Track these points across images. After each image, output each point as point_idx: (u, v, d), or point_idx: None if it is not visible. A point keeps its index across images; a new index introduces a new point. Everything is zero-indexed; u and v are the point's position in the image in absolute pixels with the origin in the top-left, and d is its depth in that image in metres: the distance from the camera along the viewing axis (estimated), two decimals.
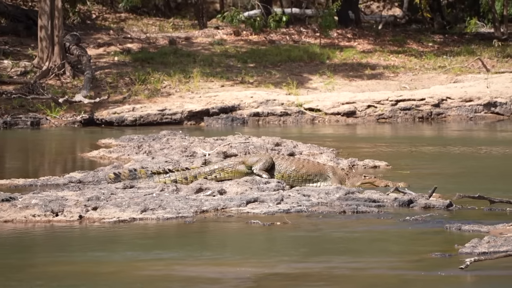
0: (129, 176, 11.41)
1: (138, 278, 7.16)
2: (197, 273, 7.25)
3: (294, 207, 10.06)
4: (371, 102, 23.54)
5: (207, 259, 7.74)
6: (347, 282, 6.98)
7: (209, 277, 7.15)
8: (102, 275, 7.27)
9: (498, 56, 29.08)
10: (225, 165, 11.67)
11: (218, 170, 11.62)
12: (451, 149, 16.32)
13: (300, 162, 11.61)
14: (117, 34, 31.43)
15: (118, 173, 11.50)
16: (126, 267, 7.49)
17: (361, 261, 7.60)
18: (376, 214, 9.76)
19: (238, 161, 11.74)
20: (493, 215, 9.62)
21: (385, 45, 31.46)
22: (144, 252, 8.07)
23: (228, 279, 7.04)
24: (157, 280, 7.07)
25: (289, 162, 11.59)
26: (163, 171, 11.58)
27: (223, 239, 8.74)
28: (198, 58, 28.15)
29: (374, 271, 7.25)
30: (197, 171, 11.57)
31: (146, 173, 11.51)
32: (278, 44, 31.07)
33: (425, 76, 27.16)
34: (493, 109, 23.48)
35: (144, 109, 23.02)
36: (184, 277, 7.14)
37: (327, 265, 7.44)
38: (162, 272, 7.31)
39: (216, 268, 7.43)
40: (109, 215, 9.66)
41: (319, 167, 11.58)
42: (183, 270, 7.35)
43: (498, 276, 7.11)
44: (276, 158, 11.69)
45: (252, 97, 23.72)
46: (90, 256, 7.89)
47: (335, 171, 11.60)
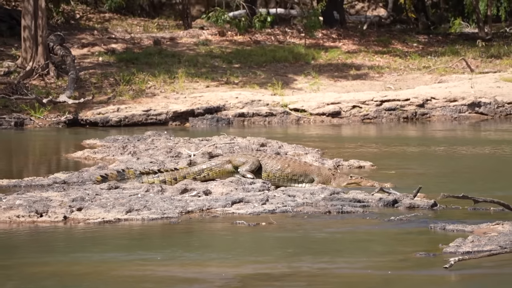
0: (117, 177, 11.39)
1: (123, 278, 7.15)
2: (182, 274, 7.24)
3: (279, 207, 10.06)
4: (356, 102, 23.58)
5: (192, 260, 7.74)
6: (331, 282, 6.99)
7: (194, 277, 7.15)
8: (85, 276, 7.25)
9: (482, 56, 29.20)
10: (213, 165, 11.67)
11: (206, 170, 11.63)
12: (436, 149, 16.38)
13: (285, 162, 11.60)
14: (101, 34, 31.36)
15: (106, 175, 11.47)
16: (110, 268, 7.47)
17: (346, 261, 7.61)
18: (361, 214, 9.79)
19: (225, 160, 11.74)
20: (477, 214, 9.66)
21: (370, 46, 31.53)
22: (128, 252, 8.05)
23: (213, 280, 7.04)
24: (142, 281, 7.05)
25: (275, 161, 11.58)
26: (152, 171, 11.56)
27: (208, 240, 8.74)
28: (183, 58, 28.12)
29: (359, 271, 7.27)
30: (185, 171, 11.56)
31: (134, 173, 11.47)
32: (263, 44, 31.08)
33: (409, 76, 27.23)
34: (477, 109, 23.58)
35: (129, 110, 22.97)
36: (169, 278, 7.13)
37: (312, 265, 7.45)
38: (147, 272, 7.30)
39: (201, 268, 7.43)
40: (93, 215, 9.64)
41: (305, 167, 11.58)
42: (168, 271, 7.34)
43: (482, 275, 7.14)
44: (263, 157, 11.68)
45: (237, 97, 23.72)
46: (73, 257, 7.86)
47: (321, 171, 11.61)
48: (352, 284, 6.94)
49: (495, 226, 8.66)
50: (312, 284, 6.91)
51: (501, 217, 9.20)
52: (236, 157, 11.73)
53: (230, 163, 11.64)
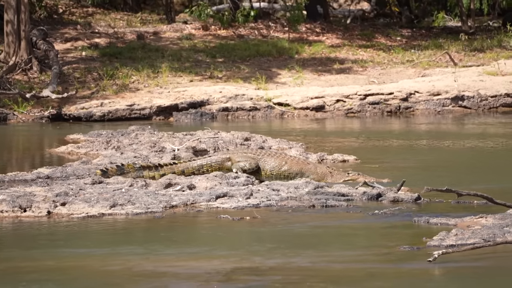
0: (117, 171, 11.37)
1: (107, 273, 7.14)
2: (167, 268, 7.24)
3: (264, 201, 10.07)
4: (340, 96, 23.60)
5: (176, 254, 7.73)
6: (315, 275, 7.01)
7: (178, 271, 7.15)
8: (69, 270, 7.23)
9: (465, 50, 29.27)
10: (213, 161, 11.68)
11: (206, 166, 11.64)
12: (419, 142, 16.42)
13: (283, 159, 11.60)
14: (84, 29, 31.24)
15: (106, 169, 11.45)
16: (94, 263, 7.45)
17: (330, 254, 7.63)
18: (345, 208, 9.81)
19: (225, 157, 11.73)
20: (461, 208, 9.70)
21: (353, 40, 31.56)
22: (113, 247, 8.04)
23: (197, 274, 7.04)
24: (125, 276, 7.05)
25: (273, 159, 11.58)
26: (153, 165, 11.56)
27: (193, 234, 8.74)
28: (167, 53, 28.05)
29: (343, 265, 7.28)
30: (184, 166, 11.57)
31: (134, 167, 11.46)
32: (247, 38, 31.05)
33: (393, 70, 27.27)
34: (461, 103, 23.65)
35: (113, 104, 22.91)
36: (153, 272, 7.13)
37: (296, 259, 7.46)
38: (131, 267, 7.29)
39: (185, 262, 7.42)
40: (77, 210, 9.62)
41: (302, 165, 11.57)
42: (152, 265, 7.33)
43: (465, 268, 7.18)
44: (263, 155, 11.67)
45: (221, 92, 23.69)
46: (57, 252, 7.84)
47: (317, 169, 11.57)
48: (336, 277, 6.95)
49: (479, 220, 8.70)
50: (297, 278, 6.92)
51: (484, 210, 9.24)
52: (237, 156, 11.69)
53: (230, 161, 11.66)
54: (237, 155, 11.69)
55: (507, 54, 28.39)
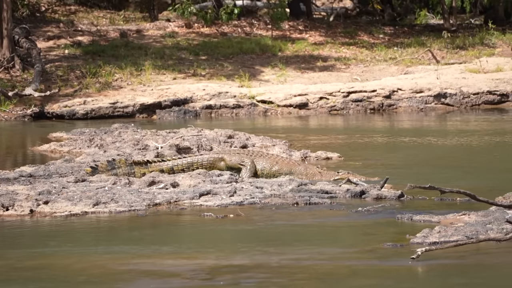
0: (107, 167, 11.36)
1: (90, 272, 7.11)
2: (150, 266, 7.22)
3: (247, 199, 10.07)
4: (323, 94, 23.63)
5: (160, 252, 7.72)
6: (299, 273, 7.01)
7: (162, 270, 7.13)
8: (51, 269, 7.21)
9: (447, 48, 29.36)
10: (204, 159, 11.68)
11: (196, 164, 11.64)
12: (402, 140, 16.47)
13: (274, 159, 11.63)
14: (67, 27, 31.11)
15: (96, 166, 11.43)
16: (77, 261, 7.43)
17: (314, 252, 7.64)
18: (329, 206, 9.82)
19: (218, 157, 11.73)
20: (444, 205, 9.74)
21: (336, 37, 31.59)
22: (96, 246, 8.02)
23: (181, 272, 7.03)
24: (109, 274, 7.03)
25: (265, 159, 11.59)
26: (143, 161, 11.57)
27: (176, 232, 8.72)
28: (150, 50, 27.99)
29: (326, 262, 7.29)
30: (174, 163, 11.59)
31: (125, 163, 11.46)
32: (230, 36, 31.03)
33: (376, 67, 27.33)
34: (443, 100, 23.72)
35: (96, 102, 22.84)
36: (137, 270, 7.11)
37: (280, 257, 7.47)
38: (114, 265, 7.27)
39: (169, 261, 7.41)
40: (60, 209, 9.58)
41: (292, 165, 11.59)
42: (136, 263, 7.31)
43: (448, 265, 7.20)
44: (255, 155, 11.68)
45: (204, 89, 23.67)
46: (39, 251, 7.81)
47: (307, 169, 11.57)
48: (320, 275, 6.96)
49: (462, 217, 8.73)
50: (280, 276, 6.93)
51: (467, 207, 9.28)
52: (230, 156, 11.68)
53: (223, 161, 11.66)
54: (230, 155, 11.69)
55: (489, 52, 28.51)
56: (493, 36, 30.34)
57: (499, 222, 8.19)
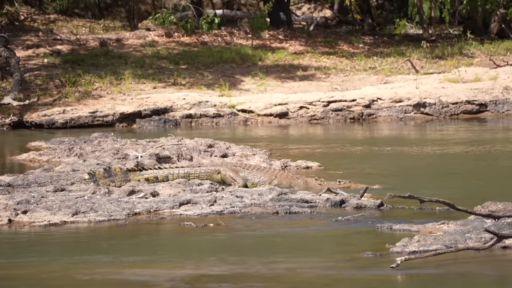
0: (104, 174, 11.36)
1: (68, 281, 7.08)
2: (129, 276, 7.20)
3: (227, 208, 10.06)
4: (303, 103, 23.67)
5: (139, 262, 7.69)
6: (279, 282, 7.01)
7: (141, 280, 7.11)
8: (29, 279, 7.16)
9: (426, 57, 29.51)
10: (202, 172, 11.69)
11: (193, 175, 11.64)
12: (382, 149, 16.52)
13: (273, 173, 11.60)
14: (46, 35, 31.01)
15: (93, 172, 11.42)
16: (56, 271, 7.39)
17: (293, 261, 7.64)
18: (309, 215, 9.83)
19: (215, 170, 11.73)
20: (423, 214, 9.77)
21: (316, 47, 31.68)
22: (75, 255, 7.97)
23: (161, 281, 7.01)
24: (89, 284, 6.99)
25: (263, 173, 11.57)
26: (138, 169, 11.57)
27: (156, 242, 8.70)
28: (130, 59, 27.94)
29: (306, 271, 7.29)
30: (170, 172, 11.61)
31: (121, 170, 11.47)
32: (210, 45, 31.04)
33: (356, 77, 27.41)
34: (423, 110, 23.83)
35: (75, 112, 22.76)
36: (116, 280, 7.08)
37: (260, 266, 7.46)
38: (93, 275, 7.23)
39: (148, 270, 7.39)
40: (39, 218, 9.53)
41: (291, 180, 11.55)
42: (115, 273, 7.28)
43: (428, 274, 7.22)
44: (252, 169, 11.67)
45: (184, 98, 23.65)
46: (17, 261, 7.76)
47: (308, 183, 11.51)
48: (300, 284, 6.96)
49: (441, 226, 8.76)
50: (260, 285, 6.92)
51: (446, 216, 9.32)
52: (226, 170, 11.66)
53: (219, 174, 11.66)
54: (225, 169, 11.68)
55: (468, 62, 28.68)
56: (472, 46, 30.53)
57: (477, 231, 8.23)
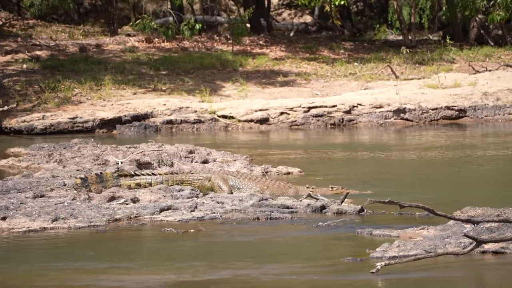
0: (96, 179, 11.32)
1: None
2: (109, 282, 7.17)
3: (208, 214, 10.05)
4: (283, 109, 23.70)
5: (119, 268, 7.66)
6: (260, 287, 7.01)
7: (121, 286, 7.08)
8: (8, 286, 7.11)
9: (406, 63, 29.64)
10: (194, 179, 11.67)
11: (186, 182, 11.62)
12: (362, 154, 16.56)
13: (265, 183, 11.56)
14: (25, 41, 30.87)
15: (86, 177, 11.38)
16: (35, 278, 7.35)
17: (274, 267, 7.63)
18: (289, 220, 9.83)
19: (206, 177, 11.71)
20: (403, 219, 9.80)
21: (297, 52, 31.74)
22: (54, 261, 7.93)
23: None
24: None
25: (254, 183, 11.54)
26: (129, 174, 11.54)
27: (136, 248, 8.67)
28: (110, 65, 27.87)
29: (286, 277, 7.29)
30: (164, 178, 11.59)
31: (112, 175, 11.44)
32: (191, 51, 31.02)
33: (336, 83, 27.48)
34: (403, 115, 23.92)
35: (55, 117, 22.67)
36: (95, 286, 7.05)
37: (240, 272, 7.45)
38: (72, 282, 7.20)
39: (128, 276, 7.36)
40: (18, 224, 9.48)
41: (283, 189, 11.52)
42: (94, 280, 7.25)
43: (408, 279, 7.24)
44: (243, 178, 11.63)
45: (165, 104, 23.62)
46: None
47: (299, 192, 11.50)
48: None
49: (420, 231, 8.79)
50: None
51: (426, 221, 9.35)
52: (216, 178, 11.63)
53: (210, 181, 11.64)
54: (216, 177, 11.65)
55: (447, 67, 28.82)
56: (451, 52, 30.69)
57: (457, 236, 8.26)
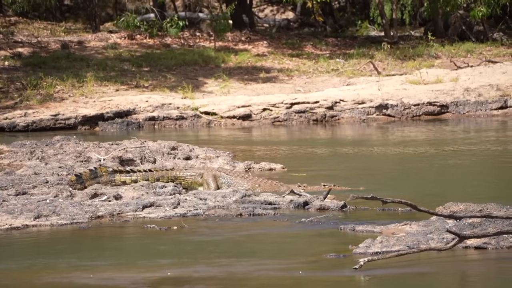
0: (90, 175, 11.29)
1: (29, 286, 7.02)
2: (91, 280, 7.16)
3: (191, 210, 10.05)
4: (266, 105, 23.72)
5: (102, 265, 7.65)
6: (242, 284, 7.01)
7: (103, 283, 7.07)
8: None
9: (388, 59, 29.72)
10: (187, 175, 11.65)
11: (180, 179, 11.61)
12: (345, 150, 16.59)
13: (255, 181, 11.53)
14: (6, 38, 30.73)
15: (80, 174, 11.36)
16: (17, 276, 7.33)
17: (257, 263, 7.64)
18: (272, 217, 9.84)
19: (198, 173, 11.69)
20: (386, 215, 9.83)
21: (279, 49, 31.75)
22: (36, 259, 7.91)
23: (122, 285, 6.98)
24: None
25: (246, 181, 11.51)
26: (125, 170, 11.51)
27: (118, 245, 8.66)
28: (92, 62, 27.78)
29: (269, 273, 7.30)
30: (160, 174, 11.56)
31: (107, 171, 11.41)
32: (173, 48, 30.97)
33: (318, 79, 27.51)
34: (385, 111, 23.98)
35: (37, 114, 22.58)
36: (78, 284, 7.04)
37: (223, 268, 7.46)
38: (55, 279, 7.18)
39: (111, 273, 7.35)
40: (0, 222, 9.44)
41: (275, 186, 11.50)
42: (76, 277, 7.24)
43: (390, 275, 7.27)
44: (235, 176, 11.61)
45: (147, 101, 23.58)
46: None
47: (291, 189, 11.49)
48: (263, 286, 6.97)
49: (403, 227, 8.82)
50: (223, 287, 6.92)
51: (408, 217, 9.38)
52: (208, 176, 11.60)
53: (201, 177, 11.62)
54: (207, 173, 11.63)
55: (429, 63, 28.92)
56: (433, 48, 30.80)
57: (439, 231, 8.29)
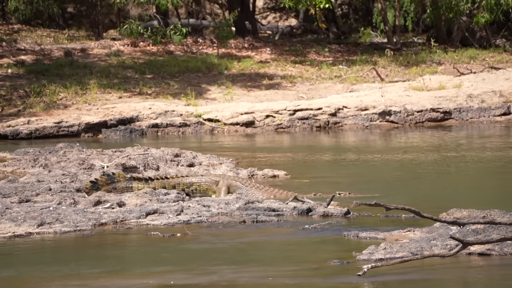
0: (107, 181, 11.29)
1: None
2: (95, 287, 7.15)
3: (194, 217, 10.05)
4: (269, 112, 23.72)
5: (105, 273, 7.65)
6: None
7: None
8: None
9: (391, 66, 29.72)
10: (203, 181, 11.64)
11: (195, 185, 11.60)
12: (348, 157, 16.58)
13: (271, 192, 11.49)
14: (10, 46, 30.77)
15: (95, 180, 11.35)
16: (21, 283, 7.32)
17: (261, 270, 7.64)
18: (276, 223, 9.84)
19: (214, 180, 11.69)
20: (389, 221, 9.82)
21: (282, 55, 31.77)
22: (40, 266, 7.91)
23: None
24: None
25: (261, 191, 11.47)
26: (143, 178, 11.50)
27: (122, 252, 8.65)
28: (95, 69, 27.81)
29: (273, 280, 7.29)
30: (176, 181, 11.56)
31: (125, 177, 11.40)
32: (176, 55, 31.00)
33: (321, 85, 27.52)
34: (388, 118, 23.98)
35: (40, 122, 22.60)
36: None
37: (227, 276, 7.45)
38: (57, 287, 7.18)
39: (114, 281, 7.34)
40: (3, 230, 9.44)
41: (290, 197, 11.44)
42: (80, 284, 7.23)
43: (394, 281, 7.26)
44: (251, 186, 11.58)
45: (150, 108, 23.59)
46: None
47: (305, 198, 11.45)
48: None
49: (407, 233, 8.81)
50: None
51: (412, 224, 9.37)
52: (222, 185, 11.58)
53: (216, 185, 11.61)
54: (223, 181, 11.62)
55: (432, 70, 28.91)
56: (436, 54, 30.80)
57: (443, 238, 8.28)
